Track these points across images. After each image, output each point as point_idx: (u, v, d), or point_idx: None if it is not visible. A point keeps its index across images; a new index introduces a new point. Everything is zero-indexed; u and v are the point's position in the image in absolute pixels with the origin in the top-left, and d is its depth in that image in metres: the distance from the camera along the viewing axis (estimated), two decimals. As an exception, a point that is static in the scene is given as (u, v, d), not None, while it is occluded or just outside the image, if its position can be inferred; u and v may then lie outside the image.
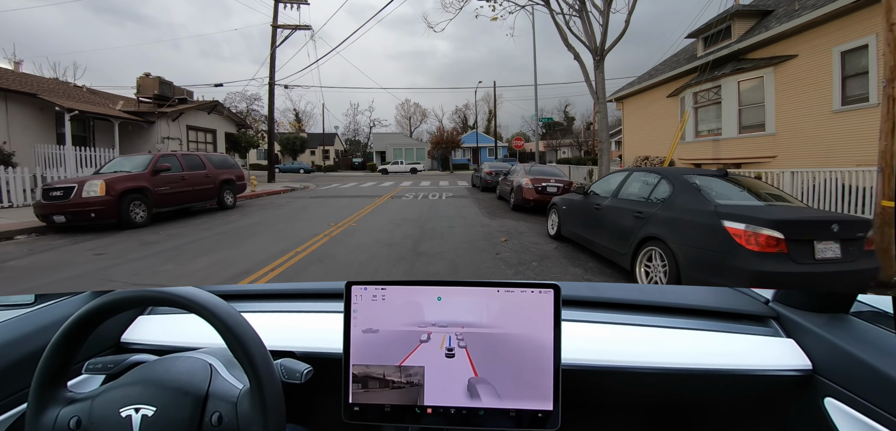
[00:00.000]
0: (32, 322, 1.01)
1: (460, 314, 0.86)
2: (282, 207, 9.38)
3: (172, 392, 0.72)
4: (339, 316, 0.94)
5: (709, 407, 1.13)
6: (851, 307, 1.02)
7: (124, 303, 0.74)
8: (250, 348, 0.70)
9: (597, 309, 1.12)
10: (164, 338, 1.12)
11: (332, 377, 0.93)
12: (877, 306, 1.04)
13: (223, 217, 7.70)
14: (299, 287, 1.30)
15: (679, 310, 1.12)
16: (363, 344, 0.86)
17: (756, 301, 1.16)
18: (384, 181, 20.42)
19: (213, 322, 0.71)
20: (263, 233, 6.07)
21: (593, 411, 1.16)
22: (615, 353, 0.99)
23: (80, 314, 0.72)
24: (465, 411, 0.84)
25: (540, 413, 0.83)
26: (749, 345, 1.00)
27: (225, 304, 0.73)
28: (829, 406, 0.89)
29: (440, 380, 0.85)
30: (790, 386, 0.96)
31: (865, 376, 0.83)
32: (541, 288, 0.84)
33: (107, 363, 0.88)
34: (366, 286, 0.87)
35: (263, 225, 6.79)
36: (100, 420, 0.70)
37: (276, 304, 1.21)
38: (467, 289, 0.86)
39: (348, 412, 0.86)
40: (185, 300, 0.71)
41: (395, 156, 37.68)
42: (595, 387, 1.01)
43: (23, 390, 0.91)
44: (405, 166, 32.40)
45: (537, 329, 0.84)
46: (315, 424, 1.20)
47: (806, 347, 0.98)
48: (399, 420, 0.86)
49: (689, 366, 0.96)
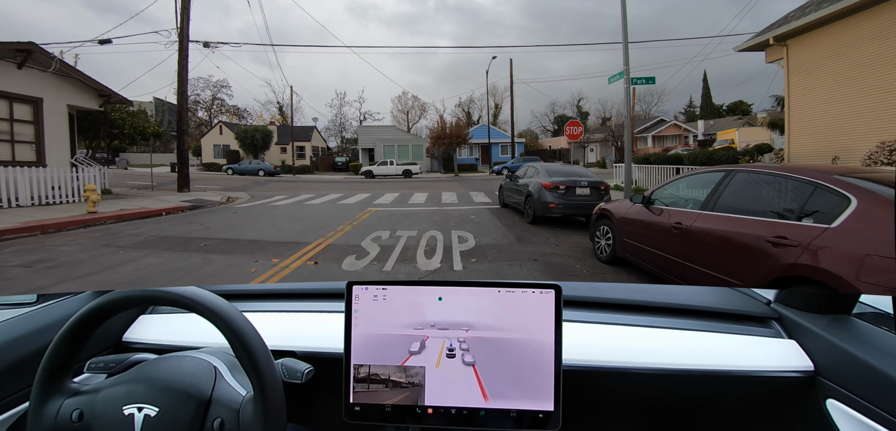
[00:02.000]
0: (34, 322, 1.17)
1: (461, 314, 1.02)
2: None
3: (176, 393, 0.85)
4: (340, 316, 1.09)
5: (710, 409, 1.28)
6: (853, 309, 1.19)
7: (126, 302, 0.89)
8: (252, 348, 0.84)
9: (598, 310, 1.30)
10: (165, 338, 1.29)
11: (333, 376, 1.09)
12: (879, 307, 1.21)
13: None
14: (300, 287, 1.49)
15: (680, 311, 1.30)
16: (364, 344, 1.02)
17: (757, 302, 1.33)
18: (357, 193, 15.55)
19: (216, 322, 0.84)
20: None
21: (594, 412, 1.32)
22: (616, 354, 1.15)
23: (83, 313, 0.86)
24: (466, 411, 1.00)
25: (541, 414, 0.99)
26: (750, 346, 1.17)
27: (227, 304, 0.87)
28: (831, 407, 1.04)
29: (441, 380, 1.01)
30: (792, 388, 1.11)
31: (867, 378, 0.98)
32: (542, 289, 1.00)
33: (108, 362, 1.04)
34: (367, 285, 1.04)
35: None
36: (102, 416, 0.84)
37: (278, 303, 1.39)
38: (468, 289, 1.03)
39: (349, 412, 1.01)
40: (187, 299, 0.85)
41: (386, 154, 35.98)
42: (596, 388, 1.17)
43: (24, 389, 1.06)
44: (396, 166, 29.77)
45: (538, 330, 1.00)
46: (316, 424, 1.36)
47: (808, 348, 1.14)
48: (400, 420, 1.01)
49: (691, 367, 1.12)
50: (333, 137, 49.42)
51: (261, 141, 35.79)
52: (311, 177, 30.93)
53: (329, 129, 49.34)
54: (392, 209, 10.81)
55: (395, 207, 11.43)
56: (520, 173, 9.51)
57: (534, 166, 9.11)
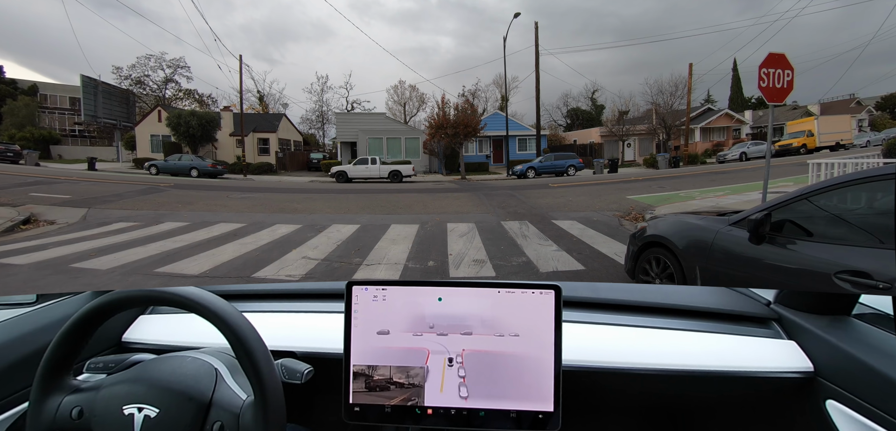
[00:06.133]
0: (33, 322, 1.39)
1: (461, 315, 1.25)
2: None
3: (176, 395, 1.02)
4: (339, 316, 1.31)
5: (710, 409, 1.50)
6: (853, 309, 1.40)
7: (127, 302, 1.11)
8: (252, 348, 1.03)
9: (598, 310, 1.51)
10: (165, 338, 1.51)
11: (333, 377, 1.32)
12: (878, 307, 1.43)
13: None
14: (300, 287, 1.78)
15: (680, 311, 1.51)
16: (364, 344, 1.25)
17: (757, 303, 1.55)
18: (270, 223, 10.01)
19: (216, 322, 1.05)
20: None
21: (594, 412, 1.53)
22: (616, 354, 1.38)
23: (82, 313, 1.08)
24: (466, 412, 1.23)
25: (540, 415, 1.21)
26: (750, 347, 1.39)
27: (227, 304, 1.09)
28: (831, 408, 1.26)
29: (441, 381, 1.23)
30: (792, 389, 1.34)
31: (867, 378, 1.20)
32: (542, 289, 1.23)
33: (108, 362, 1.25)
34: (367, 286, 1.27)
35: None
36: (102, 414, 1.04)
37: (277, 304, 1.62)
38: (468, 289, 1.25)
39: (349, 412, 1.25)
40: (187, 300, 1.06)
41: (371, 149, 33.05)
42: (596, 389, 1.40)
43: (24, 389, 1.28)
44: (381, 167, 25.72)
45: (538, 330, 1.22)
46: (316, 424, 1.56)
47: (807, 349, 1.36)
48: (399, 420, 1.24)
49: (690, 368, 1.34)
50: (316, 130, 48.15)
51: (198, 130, 32.69)
52: (279, 177, 28.90)
53: (306, 118, 48.39)
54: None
55: (338, 257, 6.99)
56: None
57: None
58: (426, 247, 7.43)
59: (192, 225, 10.06)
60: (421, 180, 26.00)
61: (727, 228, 3.35)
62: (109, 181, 21.45)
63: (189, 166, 28.49)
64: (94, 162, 26.38)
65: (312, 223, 10.00)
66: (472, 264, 6.31)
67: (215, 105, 45.51)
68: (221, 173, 29.18)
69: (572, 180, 21.96)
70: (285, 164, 37.03)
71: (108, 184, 19.96)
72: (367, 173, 25.60)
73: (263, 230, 9.18)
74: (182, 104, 31.81)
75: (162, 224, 10.19)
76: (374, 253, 7.06)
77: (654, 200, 12.41)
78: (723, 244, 3.30)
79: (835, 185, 2.92)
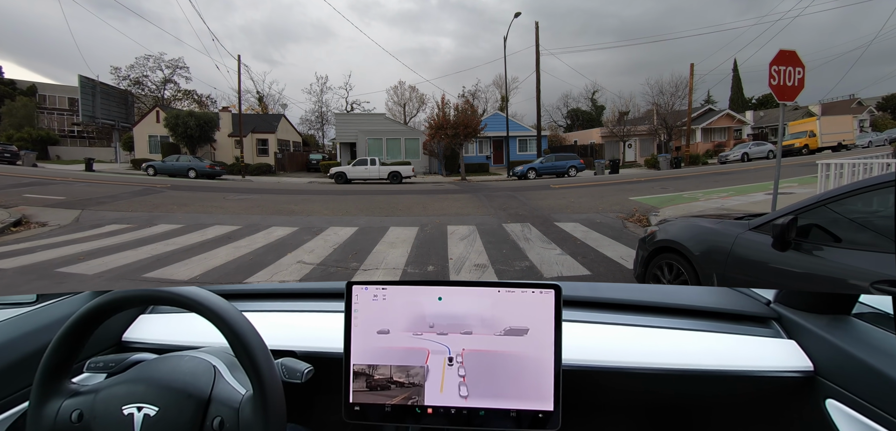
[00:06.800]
0: (33, 321, 1.43)
1: (461, 314, 1.27)
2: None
3: (175, 393, 1.03)
4: (339, 316, 1.34)
5: (709, 409, 1.55)
6: (853, 309, 1.44)
7: (126, 302, 1.11)
8: (252, 348, 1.04)
9: (597, 310, 1.58)
10: (165, 337, 1.57)
11: (333, 376, 1.35)
12: (878, 307, 1.48)
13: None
14: (300, 287, 1.84)
15: (680, 311, 1.57)
16: (364, 344, 1.29)
17: (757, 302, 1.60)
18: (277, 228, 9.33)
19: (216, 322, 1.06)
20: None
21: (594, 412, 1.57)
22: (616, 354, 1.41)
23: (82, 313, 1.08)
24: (466, 411, 1.25)
25: (540, 414, 1.23)
26: (750, 346, 1.43)
27: (227, 304, 1.10)
28: (831, 407, 1.28)
29: (441, 380, 1.25)
30: (791, 388, 1.37)
31: (867, 378, 1.21)
32: (542, 288, 1.25)
33: (108, 361, 1.29)
34: (367, 285, 1.29)
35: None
36: (102, 416, 1.04)
37: (277, 303, 1.67)
38: (468, 289, 1.28)
39: (349, 411, 1.27)
40: (187, 299, 1.07)
41: (371, 149, 33.59)
42: (596, 388, 1.45)
43: (23, 389, 1.31)
44: (381, 168, 26.03)
45: (538, 330, 1.24)
46: (316, 424, 1.61)
47: (807, 348, 1.40)
48: (399, 420, 1.27)
49: (690, 367, 1.37)
50: (315, 131, 48.15)
51: (196, 130, 32.78)
52: (278, 178, 28.80)
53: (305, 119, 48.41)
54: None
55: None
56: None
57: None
58: (426, 251, 7.28)
59: (186, 227, 9.79)
60: (421, 181, 26.17)
61: (747, 233, 3.15)
62: (106, 182, 21.21)
63: (187, 167, 28.36)
64: (91, 163, 26.33)
65: (309, 226, 9.75)
66: (474, 268, 6.12)
67: (214, 106, 45.46)
68: (219, 174, 29.03)
69: (573, 181, 21.93)
70: (284, 165, 37.21)
71: (105, 185, 19.72)
72: (366, 173, 25.65)
73: (258, 233, 8.93)
74: (181, 105, 31.78)
75: (155, 227, 9.87)
76: (372, 257, 6.89)
77: (657, 201, 12.29)
78: (743, 251, 3.09)
79: (866, 187, 2.68)
